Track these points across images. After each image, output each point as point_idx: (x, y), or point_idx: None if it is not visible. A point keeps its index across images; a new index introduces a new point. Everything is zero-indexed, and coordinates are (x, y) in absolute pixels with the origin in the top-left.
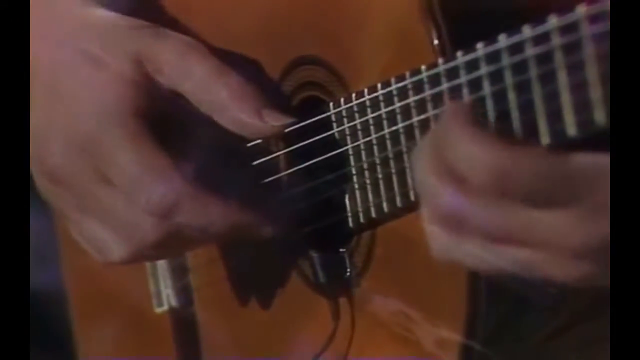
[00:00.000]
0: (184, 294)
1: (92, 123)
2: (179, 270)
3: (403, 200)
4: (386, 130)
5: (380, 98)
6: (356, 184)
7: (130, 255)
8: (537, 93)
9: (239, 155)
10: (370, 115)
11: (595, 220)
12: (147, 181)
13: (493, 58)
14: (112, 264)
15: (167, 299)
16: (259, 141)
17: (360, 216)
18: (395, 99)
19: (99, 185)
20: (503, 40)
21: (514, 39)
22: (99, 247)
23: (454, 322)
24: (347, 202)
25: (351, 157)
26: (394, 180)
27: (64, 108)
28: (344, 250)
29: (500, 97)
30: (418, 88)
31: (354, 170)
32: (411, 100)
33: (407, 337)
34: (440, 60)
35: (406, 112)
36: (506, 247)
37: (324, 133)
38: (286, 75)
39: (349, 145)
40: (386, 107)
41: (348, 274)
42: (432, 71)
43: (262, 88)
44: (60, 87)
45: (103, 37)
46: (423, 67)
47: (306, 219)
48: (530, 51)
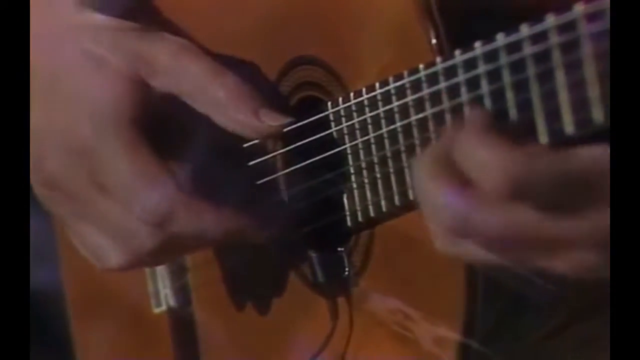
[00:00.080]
0: (182, 294)
1: (88, 130)
2: (177, 270)
3: (401, 199)
4: (384, 129)
5: (379, 97)
6: (354, 183)
7: (128, 263)
8: (535, 92)
9: (237, 156)
10: (369, 115)
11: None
12: (141, 190)
13: (491, 57)
14: (110, 270)
15: (165, 299)
16: (256, 141)
17: (359, 215)
18: (394, 98)
19: (96, 192)
20: (501, 39)
21: (512, 38)
22: (96, 254)
23: (452, 320)
24: (345, 201)
25: (349, 156)
26: (392, 179)
27: (60, 114)
28: (342, 249)
29: (498, 96)
30: (416, 87)
31: (352, 170)
32: (409, 99)
33: (405, 336)
34: (438, 59)
35: (404, 111)
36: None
37: (322, 132)
38: (284, 75)
39: (347, 144)
40: (384, 106)
41: (346, 273)
42: (430, 70)
43: (260, 88)
44: (57, 91)
45: (97, 42)
46: (421, 66)
47: (304, 219)
48: (528, 50)
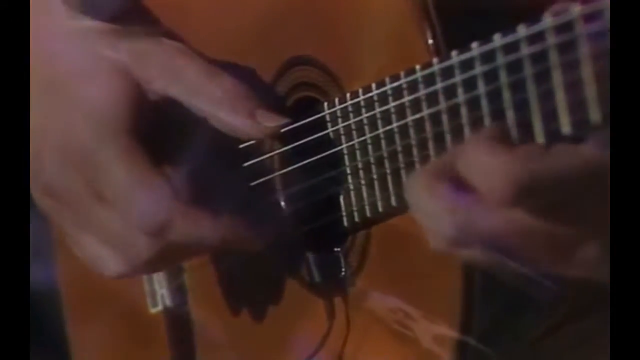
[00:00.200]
0: (179, 294)
1: (85, 137)
2: (174, 271)
3: (398, 200)
4: (381, 130)
5: (375, 98)
6: (351, 184)
7: (126, 271)
8: (532, 92)
9: (233, 158)
10: (365, 115)
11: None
12: (138, 199)
13: (488, 57)
14: (109, 277)
15: (161, 299)
16: (252, 142)
17: (355, 216)
18: (390, 99)
19: (94, 201)
20: (498, 39)
21: (509, 39)
22: (96, 263)
23: (450, 319)
24: (342, 201)
25: (346, 157)
26: (388, 179)
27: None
28: (338, 249)
29: (495, 96)
30: (412, 88)
31: (348, 170)
32: (406, 99)
33: (403, 335)
34: (435, 60)
35: (401, 111)
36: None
37: (319, 133)
38: (281, 75)
39: (344, 145)
40: (381, 106)
41: (343, 273)
42: (427, 71)
43: (256, 89)
44: (55, 96)
45: (93, 48)
46: (418, 67)
47: (301, 219)
48: (525, 50)
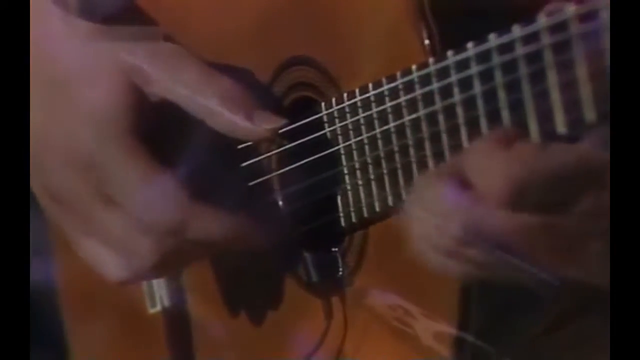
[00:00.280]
0: (177, 294)
1: (88, 142)
2: None
3: (395, 200)
4: (377, 130)
5: (372, 98)
6: (348, 184)
7: (128, 277)
8: (527, 92)
9: (231, 159)
10: (362, 115)
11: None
12: (152, 199)
13: (483, 57)
14: (111, 282)
15: (160, 299)
16: (250, 143)
17: (352, 216)
18: (387, 99)
19: (98, 204)
20: (493, 39)
21: (504, 39)
22: (98, 266)
23: (448, 316)
24: (339, 201)
25: (343, 157)
26: (385, 179)
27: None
28: (336, 249)
29: (490, 96)
30: (409, 88)
31: (345, 170)
32: (402, 100)
33: (402, 332)
34: (430, 60)
35: (397, 111)
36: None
37: (316, 133)
38: (278, 75)
39: (341, 145)
40: (377, 107)
41: (340, 273)
42: (423, 71)
43: (253, 90)
44: (56, 99)
45: (90, 51)
46: (414, 67)
47: (299, 219)
48: (520, 50)
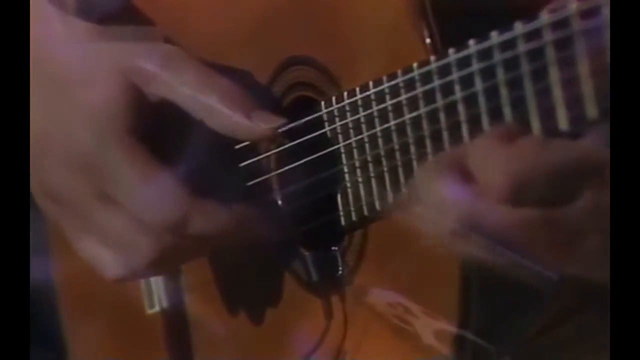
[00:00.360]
0: (176, 295)
1: (87, 142)
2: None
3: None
4: (378, 128)
5: (372, 96)
6: (348, 183)
7: (126, 274)
8: (529, 89)
9: (231, 158)
10: (362, 114)
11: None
12: (153, 196)
13: (485, 55)
14: (109, 280)
15: (158, 300)
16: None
17: (353, 215)
18: (387, 97)
19: (96, 203)
20: (495, 37)
21: (506, 36)
22: (96, 264)
23: (448, 314)
24: (339, 200)
25: (343, 155)
26: (386, 178)
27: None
28: (336, 248)
29: (492, 93)
30: (410, 86)
31: (346, 169)
32: (403, 98)
33: (403, 330)
34: (432, 58)
35: (398, 110)
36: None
37: (316, 132)
38: (278, 75)
39: (341, 143)
40: (378, 105)
41: (340, 272)
42: (424, 69)
43: (252, 89)
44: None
45: (89, 51)
46: (415, 65)
47: (299, 219)
48: (522, 47)
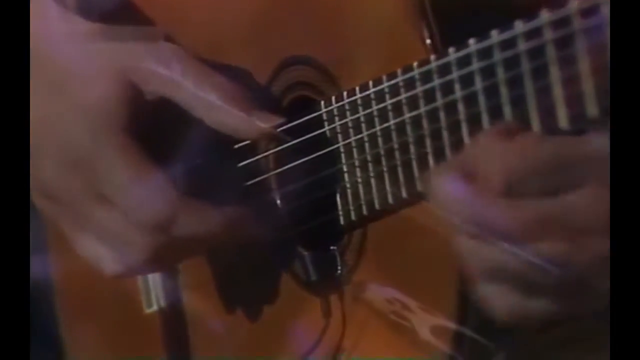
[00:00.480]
0: (174, 294)
1: (82, 139)
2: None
3: (395, 197)
4: (378, 127)
5: (372, 96)
6: (348, 182)
7: (123, 271)
8: (529, 88)
9: (230, 158)
10: (362, 113)
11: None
12: (140, 195)
13: (485, 54)
14: (108, 277)
15: (156, 299)
16: (248, 142)
17: (352, 214)
18: (387, 97)
19: (92, 201)
20: (495, 35)
21: (506, 35)
22: (95, 261)
23: (445, 310)
24: (338, 200)
25: (342, 155)
26: (385, 177)
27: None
28: (334, 248)
29: (492, 92)
30: (410, 85)
31: (345, 168)
32: (403, 97)
33: (401, 326)
34: (432, 57)
35: (398, 109)
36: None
37: (316, 131)
38: (277, 75)
39: (340, 143)
40: (378, 104)
41: (339, 271)
42: (424, 68)
43: (252, 89)
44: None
45: (89, 50)
46: (415, 64)
47: (298, 218)
48: (522, 46)
